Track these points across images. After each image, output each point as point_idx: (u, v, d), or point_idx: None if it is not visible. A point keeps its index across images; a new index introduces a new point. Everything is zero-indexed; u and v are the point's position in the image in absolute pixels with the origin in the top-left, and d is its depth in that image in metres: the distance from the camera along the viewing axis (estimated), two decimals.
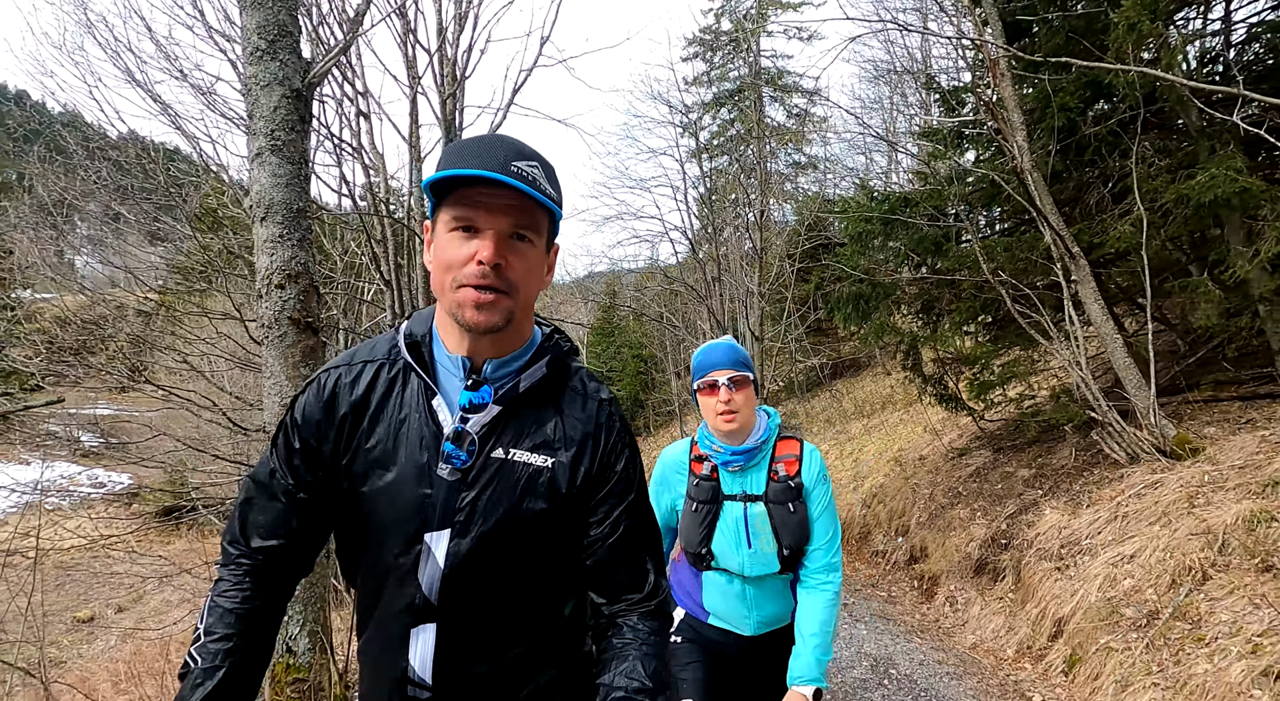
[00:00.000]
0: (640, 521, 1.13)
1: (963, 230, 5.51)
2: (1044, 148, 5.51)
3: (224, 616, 1.06)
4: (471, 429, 1.03)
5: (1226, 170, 4.59)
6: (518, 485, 1.03)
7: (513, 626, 1.07)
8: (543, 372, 1.08)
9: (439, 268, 0.99)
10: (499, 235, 0.96)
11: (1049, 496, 5.67)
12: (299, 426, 1.09)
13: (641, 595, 1.10)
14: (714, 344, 1.93)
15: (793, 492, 1.82)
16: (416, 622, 1.03)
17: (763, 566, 1.83)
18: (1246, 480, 4.34)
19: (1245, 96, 4.19)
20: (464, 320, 0.98)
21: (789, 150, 24.92)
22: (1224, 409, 5.55)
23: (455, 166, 0.94)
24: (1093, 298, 5.09)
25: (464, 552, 1.01)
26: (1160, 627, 3.65)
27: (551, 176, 1.02)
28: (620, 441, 1.11)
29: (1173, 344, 7.14)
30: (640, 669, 1.02)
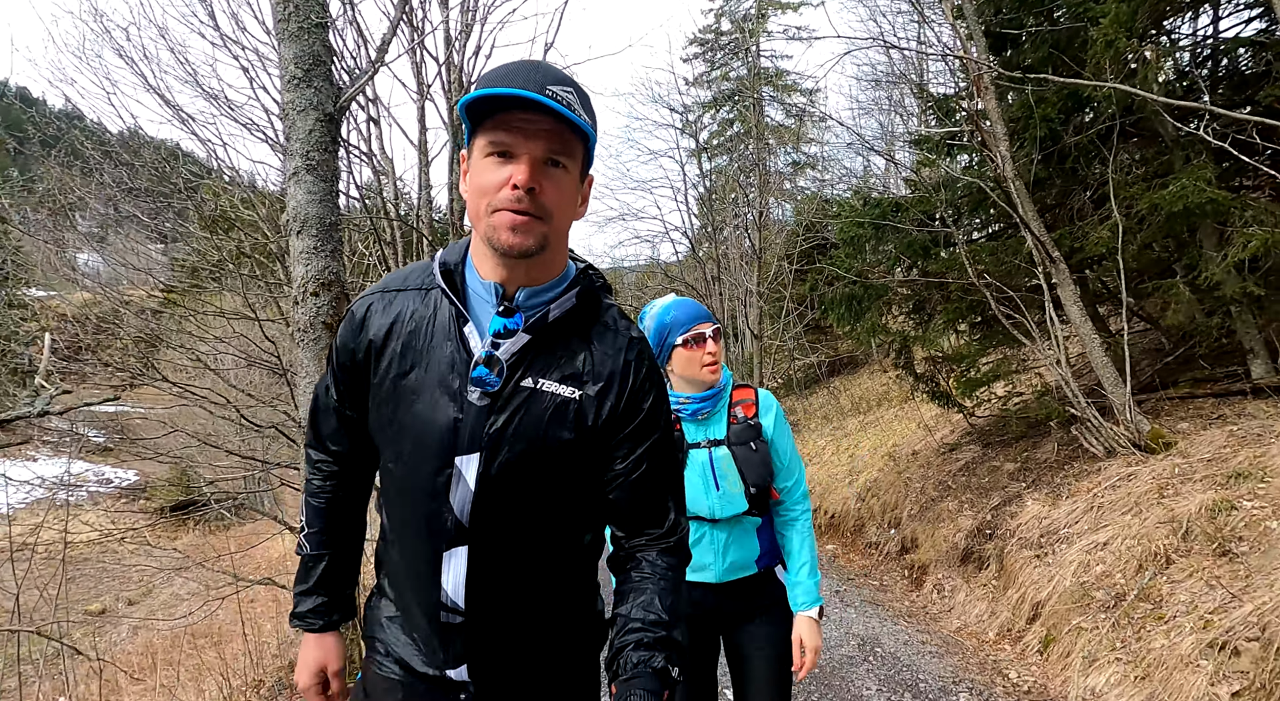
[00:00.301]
0: (663, 459, 1.14)
1: (950, 235, 5.77)
2: (1028, 155, 5.78)
3: (317, 512, 1.26)
4: (501, 356, 1.05)
5: (1196, 181, 4.86)
6: (545, 414, 1.06)
7: (538, 553, 1.11)
8: (572, 302, 1.10)
9: (474, 193, 1.02)
10: (534, 160, 0.98)
11: (1031, 488, 5.95)
12: (337, 351, 1.17)
13: (661, 531, 1.13)
14: (680, 300, 2.01)
15: (753, 432, 1.93)
16: (449, 546, 1.06)
17: (731, 506, 1.91)
18: (1212, 472, 4.62)
19: (1211, 111, 4.47)
20: (499, 243, 1.00)
21: (788, 149, 25.16)
22: (1199, 405, 5.83)
23: (493, 87, 0.95)
24: (1072, 300, 5.36)
25: (494, 476, 1.04)
26: (1125, 608, 3.93)
27: (586, 103, 1.03)
28: (649, 380, 1.12)
29: (1158, 341, 7.41)
30: (657, 602, 1.06)
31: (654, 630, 1.03)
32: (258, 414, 9.17)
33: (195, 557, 9.93)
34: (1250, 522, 3.91)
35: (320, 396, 1.23)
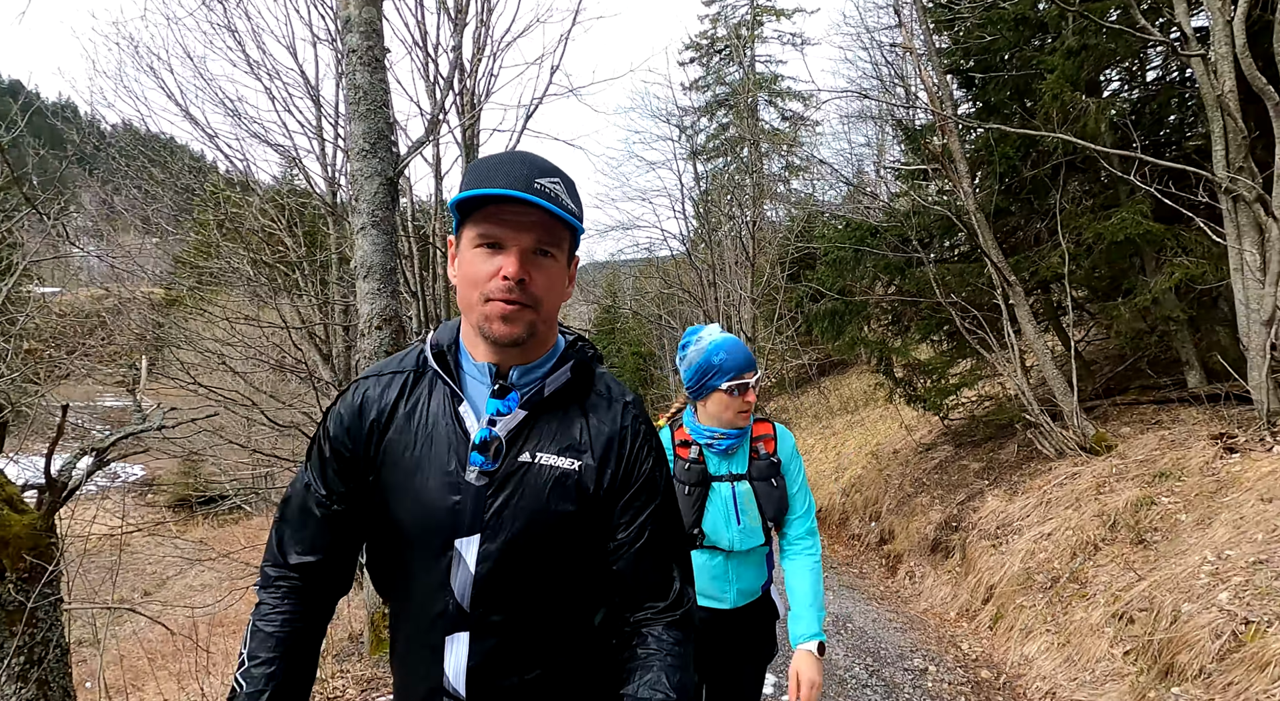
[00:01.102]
0: (666, 527, 1.12)
1: (921, 258, 6.44)
2: (990, 187, 6.46)
3: (265, 640, 1.08)
4: (498, 433, 1.05)
5: (1134, 214, 5.55)
6: (545, 487, 1.04)
7: (545, 636, 1.08)
8: (567, 377, 1.09)
9: (465, 283, 1.02)
10: (523, 251, 0.99)
11: (993, 486, 6.65)
12: (330, 437, 1.11)
13: (666, 603, 1.10)
14: (732, 341, 2.00)
15: (773, 469, 1.99)
16: (450, 631, 1.04)
17: (751, 540, 1.96)
18: (1142, 472, 5.31)
19: (1140, 158, 5.15)
20: (490, 332, 1.01)
21: (782, 152, 25.79)
22: (1141, 411, 6.52)
23: (481, 186, 0.97)
24: (1027, 318, 6.05)
25: (495, 556, 1.02)
26: (1058, 588, 4.62)
27: (572, 192, 1.05)
28: (646, 444, 1.11)
29: (1122, 349, 8.12)
30: (665, 680, 1.03)
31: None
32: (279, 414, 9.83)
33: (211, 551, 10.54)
34: (1165, 515, 4.60)
35: (296, 496, 1.13)
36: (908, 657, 4.57)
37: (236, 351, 10.41)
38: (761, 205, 19.41)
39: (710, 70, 26.57)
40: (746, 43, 25.55)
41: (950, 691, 4.05)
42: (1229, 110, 4.79)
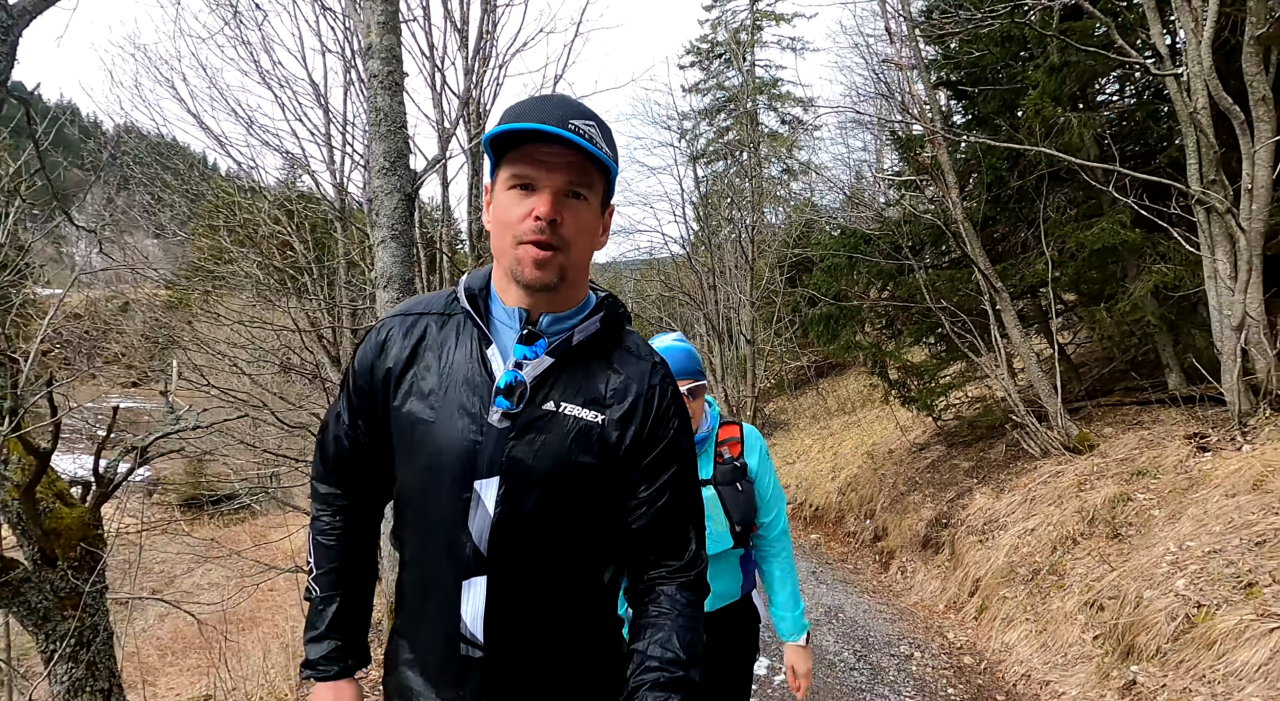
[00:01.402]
0: (685, 489, 1.13)
1: (913, 265, 6.70)
2: (979, 196, 6.72)
3: (325, 552, 1.18)
4: (523, 378, 1.05)
5: (1114, 224, 5.80)
6: (567, 437, 1.04)
7: (559, 585, 1.08)
8: (596, 327, 1.09)
9: (498, 226, 1.02)
10: (555, 192, 0.98)
11: (981, 484, 6.90)
12: (356, 373, 1.15)
13: (681, 563, 1.11)
14: (672, 347, 2.00)
15: (739, 473, 1.99)
16: (468, 574, 1.04)
17: (716, 544, 1.96)
18: (1121, 470, 5.56)
19: (1119, 171, 5.41)
20: (522, 277, 1.00)
21: (782, 156, 26.06)
22: (1124, 412, 6.78)
23: (516, 122, 0.96)
24: (1013, 323, 6.31)
25: (513, 501, 1.02)
26: (1038, 580, 4.88)
27: (608, 136, 1.04)
28: (673, 405, 1.11)
29: (1109, 352, 8.37)
30: (675, 640, 1.04)
31: (671, 669, 1.02)
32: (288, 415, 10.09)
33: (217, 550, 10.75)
34: (1139, 511, 4.85)
35: (331, 424, 1.20)
36: (894, 645, 4.82)
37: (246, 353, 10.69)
38: (761, 209, 19.68)
39: (710, 74, 26.85)
40: (746, 47, 25.82)
41: (933, 675, 4.30)
42: (1201, 126, 5.05)
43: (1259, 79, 4.85)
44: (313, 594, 1.19)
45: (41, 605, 3.30)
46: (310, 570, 1.20)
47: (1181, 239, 5.27)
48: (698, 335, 18.79)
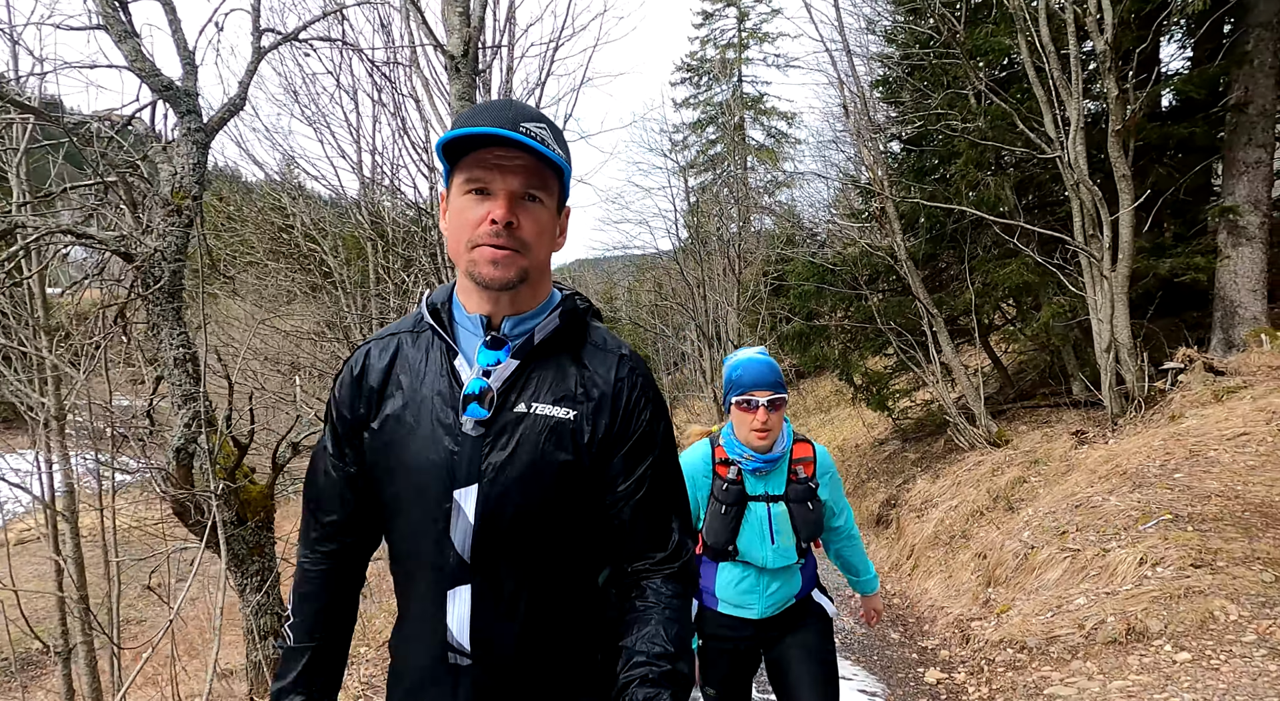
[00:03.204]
0: (665, 479, 1.12)
1: (865, 294, 8.22)
2: (922, 237, 8.24)
3: (305, 598, 1.17)
4: (492, 384, 1.04)
5: (1021, 265, 7.33)
6: (541, 436, 1.04)
7: (546, 590, 1.08)
8: (555, 324, 1.09)
9: (454, 230, 1.03)
10: (511, 195, 0.98)
11: (923, 472, 8.44)
12: (337, 401, 1.15)
13: (665, 554, 1.10)
14: (752, 359, 2.00)
15: (810, 492, 1.99)
16: (452, 584, 1.05)
17: (784, 559, 1.99)
18: (1024, 459, 7.10)
19: (1023, 227, 6.94)
20: (479, 277, 1.01)
21: (768, 167, 27.56)
22: (1039, 413, 8.33)
23: (466, 126, 0.96)
24: (946, 342, 7.83)
25: (493, 506, 1.03)
26: (952, 543, 6.40)
27: (560, 138, 1.04)
28: (644, 397, 1.11)
29: (1032, 364, 9.96)
30: (662, 633, 1.04)
31: (659, 663, 1.02)
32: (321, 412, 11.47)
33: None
34: (1029, 489, 6.38)
35: (319, 458, 1.18)
36: (840, 592, 6.33)
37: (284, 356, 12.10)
38: (749, 219, 21.19)
39: (700, 88, 28.29)
40: (733, 65, 27.30)
41: None
42: (1080, 194, 6.58)
43: (1120, 161, 6.38)
44: (286, 642, 1.18)
45: (240, 552, 4.74)
46: (287, 617, 1.20)
47: (1067, 281, 6.80)
48: (689, 340, 20.30)
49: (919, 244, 8.16)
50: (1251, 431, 4.93)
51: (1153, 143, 7.07)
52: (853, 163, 8.47)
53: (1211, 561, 3.57)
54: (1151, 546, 3.84)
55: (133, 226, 4.71)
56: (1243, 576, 3.40)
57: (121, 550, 8.50)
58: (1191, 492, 4.34)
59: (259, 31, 5.31)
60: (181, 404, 4.59)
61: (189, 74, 4.76)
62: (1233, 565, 3.50)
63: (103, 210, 5.54)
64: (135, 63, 4.45)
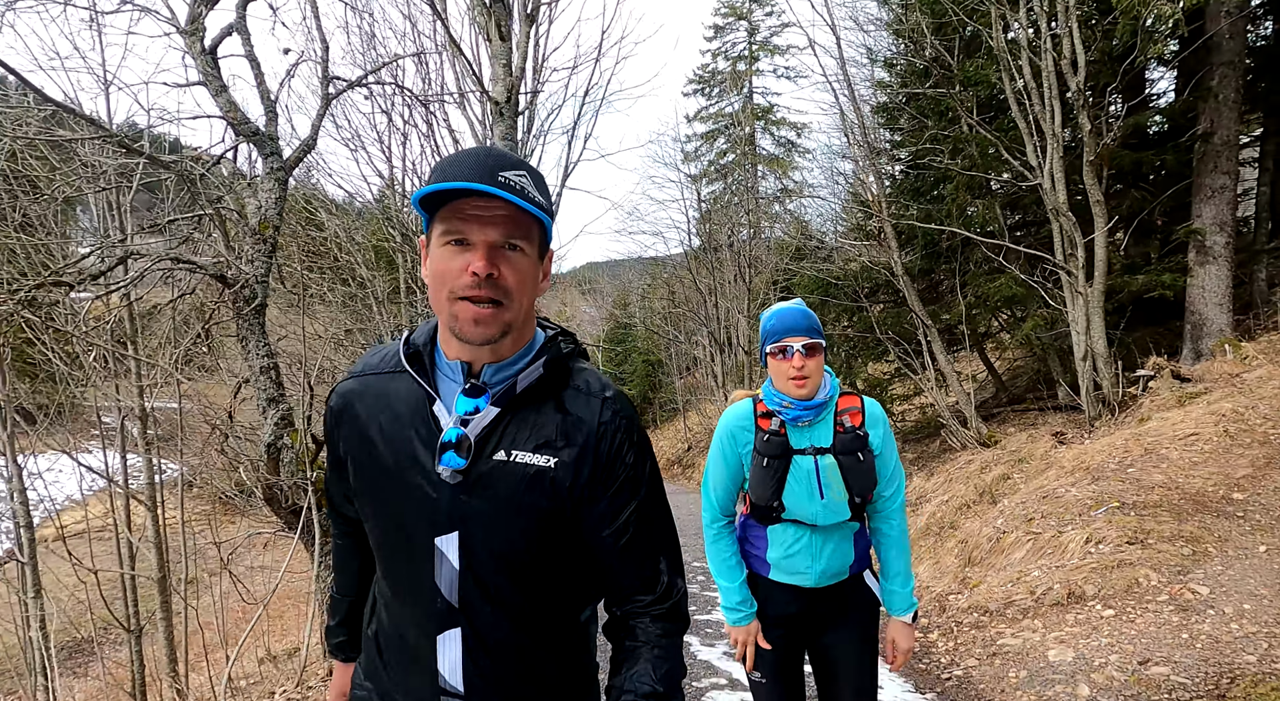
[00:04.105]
0: (651, 521, 1.11)
1: (866, 307, 8.92)
2: (918, 253, 8.93)
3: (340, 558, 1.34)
4: (470, 432, 1.03)
5: (1008, 280, 8.01)
6: (520, 485, 1.03)
7: (533, 629, 1.09)
8: (539, 373, 1.06)
9: (434, 280, 1.01)
10: (490, 246, 0.97)
11: (920, 470, 9.11)
12: (326, 435, 1.18)
13: (653, 597, 1.10)
14: (786, 307, 1.93)
15: (859, 442, 1.88)
16: (442, 628, 1.05)
17: (834, 515, 1.89)
18: (1010, 457, 7.76)
19: (1008, 247, 7.63)
20: (461, 334, 1.00)
21: (777, 175, 28.26)
22: (1028, 416, 8.98)
23: (443, 180, 0.95)
24: (940, 350, 8.52)
25: (476, 553, 1.03)
26: (941, 534, 7.07)
27: (540, 184, 1.02)
28: (626, 439, 1.09)
29: (1020, 370, 10.61)
30: (650, 672, 1.04)
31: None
32: None
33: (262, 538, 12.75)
34: (1012, 485, 7.05)
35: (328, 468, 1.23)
36: None
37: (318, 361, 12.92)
38: (759, 227, 21.88)
39: (711, 100, 29.02)
40: (744, 77, 28.02)
41: None
42: (1059, 217, 7.25)
43: (1095, 188, 7.05)
44: (333, 591, 1.36)
45: (315, 534, 5.50)
46: (330, 590, 1.37)
47: (1047, 296, 7.47)
48: (701, 345, 21.01)
49: (916, 259, 8.85)
50: (1200, 432, 5.59)
51: (1126, 169, 7.73)
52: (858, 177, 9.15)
53: (1144, 539, 4.25)
54: (1098, 528, 4.53)
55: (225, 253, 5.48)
56: (1166, 551, 4.08)
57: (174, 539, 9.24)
58: (1139, 484, 5.02)
59: (327, 80, 6.12)
60: (267, 406, 5.36)
61: (271, 120, 5.56)
62: (1160, 542, 4.18)
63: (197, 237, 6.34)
64: (229, 113, 5.24)
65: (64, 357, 7.66)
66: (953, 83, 8.18)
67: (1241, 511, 4.44)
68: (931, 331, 8.52)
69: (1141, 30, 6.30)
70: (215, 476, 26.13)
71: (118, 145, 5.06)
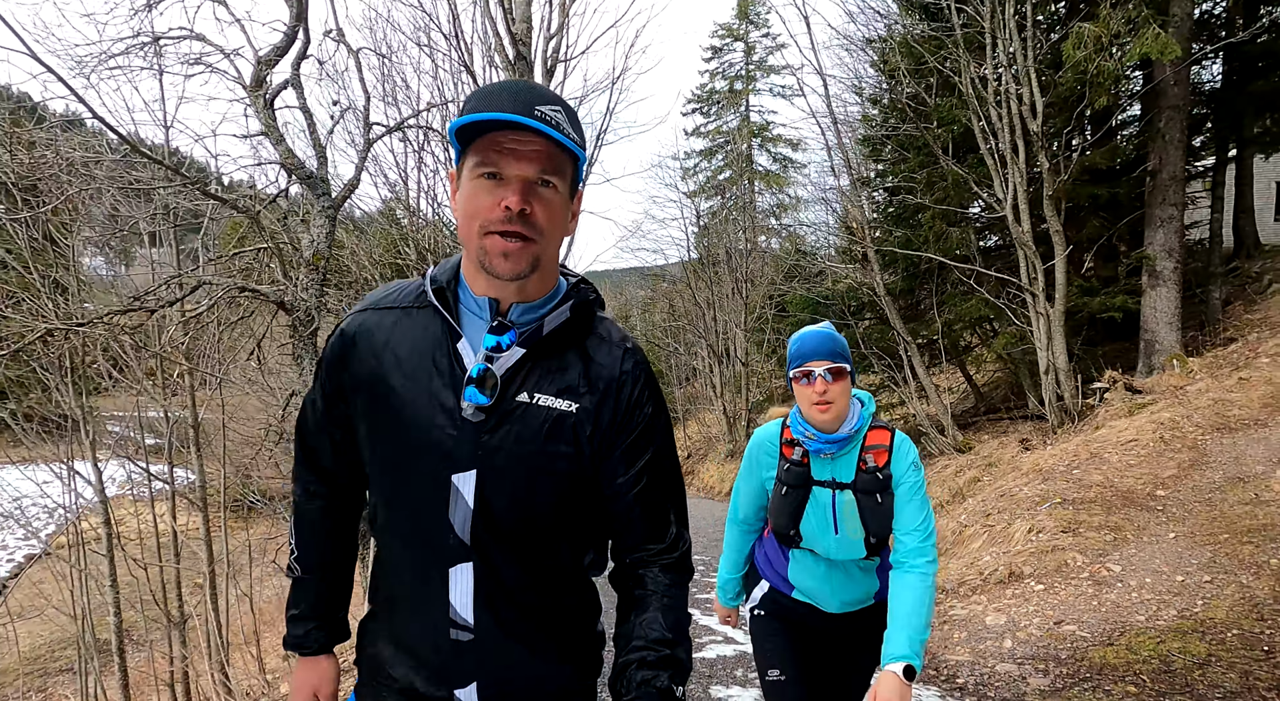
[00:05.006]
0: (664, 472, 1.13)
1: (852, 323, 9.72)
2: (899, 275, 9.74)
3: (306, 533, 1.22)
4: (496, 371, 1.02)
5: (979, 301, 8.81)
6: (542, 428, 1.03)
7: (542, 569, 1.10)
8: (566, 316, 1.07)
9: (465, 216, 1.00)
10: (524, 181, 0.96)
11: None
12: (328, 364, 1.13)
13: (662, 546, 1.12)
14: (812, 331, 1.86)
15: (881, 483, 1.80)
16: (454, 562, 1.05)
17: (848, 552, 1.85)
18: (982, 462, 8.54)
19: (979, 271, 8.43)
20: (491, 268, 0.98)
21: (774, 191, 29.12)
22: (1001, 424, 9.76)
23: (480, 110, 0.94)
24: (920, 365, 9.31)
25: (492, 493, 1.03)
26: None
27: (574, 120, 1.01)
28: (645, 391, 1.10)
29: (995, 381, 11.40)
30: (660, 619, 1.06)
31: (657, 648, 1.04)
32: None
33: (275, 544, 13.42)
34: (981, 486, 7.81)
35: (308, 411, 1.19)
36: None
37: None
38: (755, 242, 22.72)
39: (709, 117, 29.92)
40: (741, 95, 28.94)
41: None
42: (1024, 245, 8.05)
43: (1054, 219, 7.86)
44: (294, 573, 1.24)
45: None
46: (292, 550, 1.24)
47: (1013, 316, 8.28)
48: (700, 356, 21.80)
49: (898, 280, 9.66)
50: (1140, 438, 6.37)
51: (1082, 204, 8.56)
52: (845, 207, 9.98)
53: (1076, 529, 5.01)
54: (1040, 520, 5.29)
55: (283, 281, 6.26)
56: (1092, 538, 4.84)
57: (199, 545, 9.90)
58: (1080, 483, 5.78)
59: (368, 125, 6.94)
60: None
61: (321, 164, 6.35)
62: (1089, 531, 4.95)
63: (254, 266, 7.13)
64: (287, 160, 6.03)
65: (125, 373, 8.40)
66: (930, 119, 9.01)
67: (1161, 506, 5.21)
68: (911, 347, 9.31)
69: (1089, 82, 7.12)
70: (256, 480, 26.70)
71: (199, 191, 5.84)
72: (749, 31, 28.86)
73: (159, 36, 6.00)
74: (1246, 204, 11.48)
